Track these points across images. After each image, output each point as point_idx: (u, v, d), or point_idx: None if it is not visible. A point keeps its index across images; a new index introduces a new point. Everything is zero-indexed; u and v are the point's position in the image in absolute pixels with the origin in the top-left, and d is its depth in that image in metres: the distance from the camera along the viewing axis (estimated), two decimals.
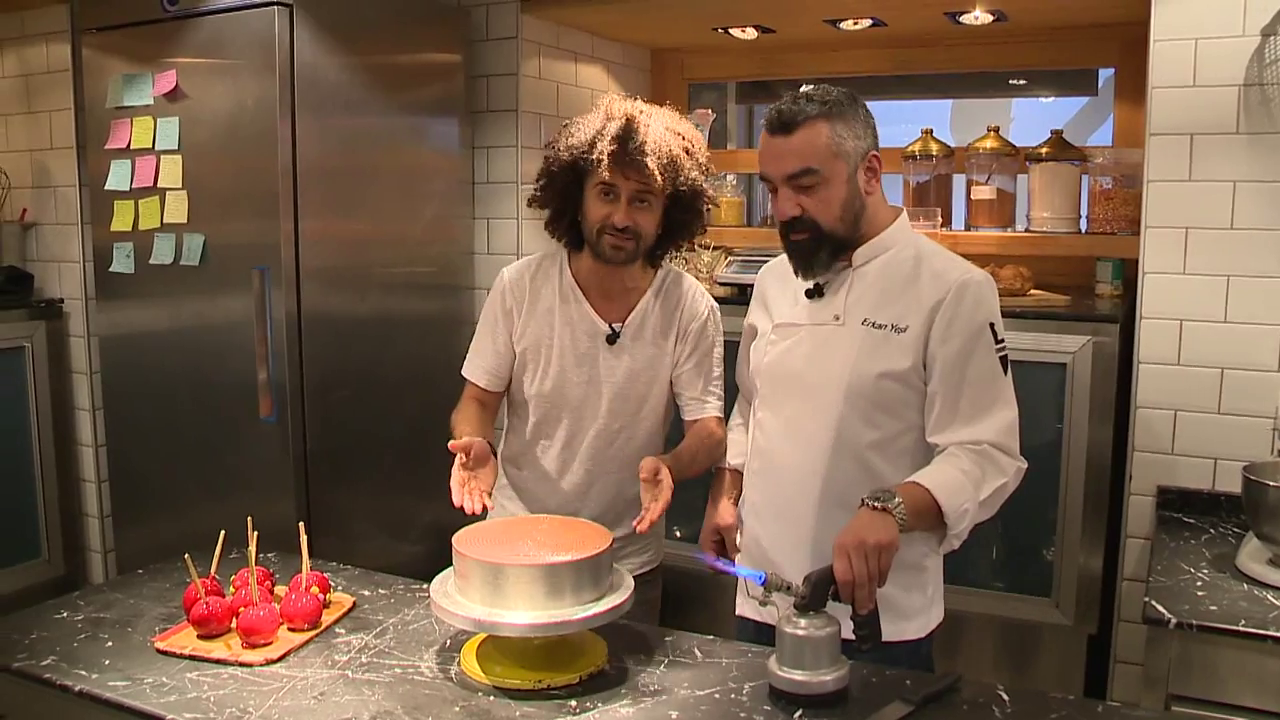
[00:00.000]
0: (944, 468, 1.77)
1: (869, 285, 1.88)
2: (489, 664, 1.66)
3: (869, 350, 1.84)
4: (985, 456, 1.78)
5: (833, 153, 1.80)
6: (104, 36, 3.02)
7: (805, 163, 1.80)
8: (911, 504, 1.68)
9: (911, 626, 1.91)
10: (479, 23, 3.39)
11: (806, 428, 1.89)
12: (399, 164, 3.14)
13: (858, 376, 1.84)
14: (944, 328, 1.81)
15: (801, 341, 1.91)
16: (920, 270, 1.86)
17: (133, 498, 3.20)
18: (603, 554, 1.67)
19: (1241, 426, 2.49)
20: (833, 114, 1.80)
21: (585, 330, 2.20)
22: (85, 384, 3.48)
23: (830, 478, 1.87)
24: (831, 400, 1.86)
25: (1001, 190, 3.22)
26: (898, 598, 1.86)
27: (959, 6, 3.07)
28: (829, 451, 1.87)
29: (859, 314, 1.86)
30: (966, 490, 1.73)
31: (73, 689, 1.63)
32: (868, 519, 1.64)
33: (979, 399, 1.80)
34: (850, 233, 1.86)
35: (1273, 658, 1.89)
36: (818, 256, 1.87)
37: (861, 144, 1.83)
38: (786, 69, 3.83)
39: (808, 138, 1.80)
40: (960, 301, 1.81)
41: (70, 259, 3.46)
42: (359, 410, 2.51)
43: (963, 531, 1.76)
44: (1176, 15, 2.47)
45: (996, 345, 1.82)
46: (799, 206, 1.83)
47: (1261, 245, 2.44)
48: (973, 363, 1.80)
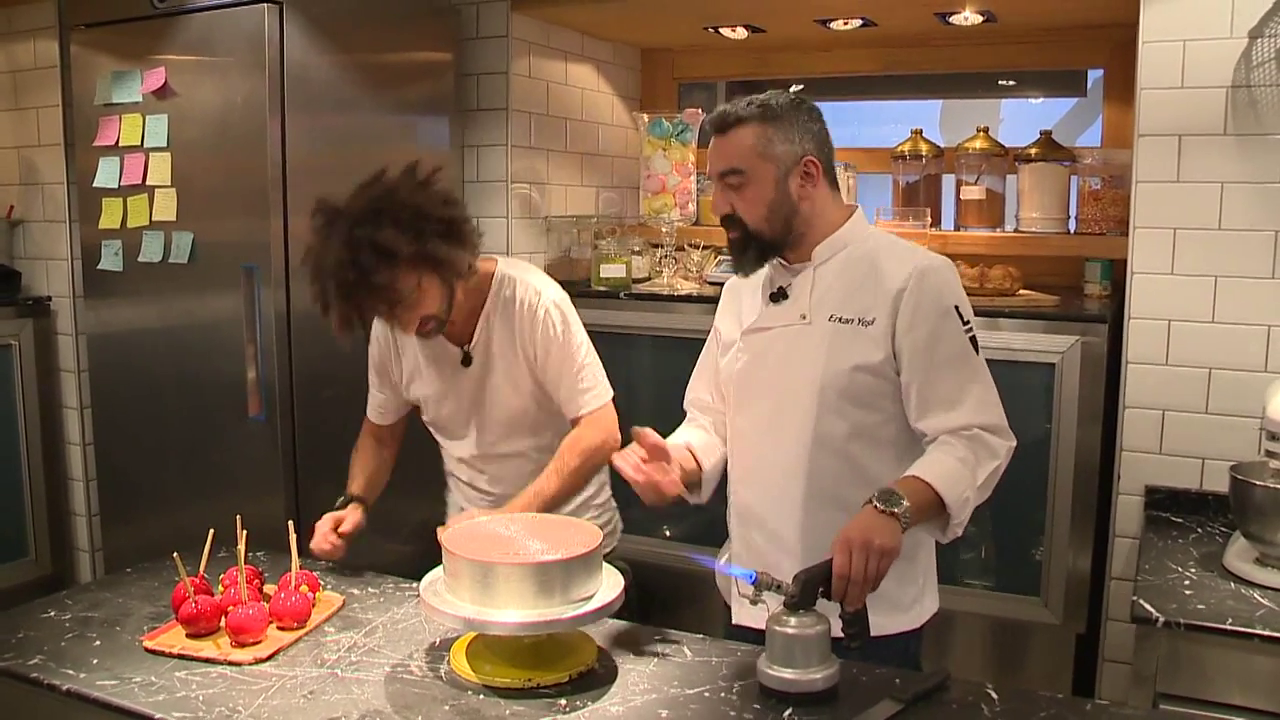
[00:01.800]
0: (940, 457, 1.77)
1: (831, 282, 1.90)
2: (478, 662, 1.66)
3: (839, 345, 1.86)
4: (976, 441, 1.79)
5: (759, 154, 1.84)
6: (92, 33, 3.01)
7: (731, 163, 1.86)
8: (915, 501, 1.68)
9: (906, 618, 1.91)
10: (469, 21, 3.38)
11: (785, 428, 1.90)
12: (389, 162, 3.12)
13: (830, 373, 1.85)
14: (909, 315, 1.82)
15: (771, 344, 1.93)
16: (880, 262, 1.87)
17: (121, 497, 3.18)
18: (593, 552, 1.67)
19: (1229, 426, 2.50)
20: (767, 117, 1.84)
21: (444, 359, 2.25)
22: (73, 382, 3.47)
23: (813, 475, 1.88)
24: (807, 398, 1.87)
25: (990, 190, 3.23)
26: (890, 590, 1.84)
27: (949, 7, 3.07)
28: (809, 449, 1.88)
29: (825, 311, 1.88)
30: (965, 478, 1.74)
31: (60, 688, 1.62)
32: (874, 520, 1.64)
33: (955, 381, 1.82)
34: (779, 235, 1.89)
35: (1259, 656, 1.90)
36: (747, 254, 1.91)
37: (794, 149, 1.86)
38: (777, 69, 3.83)
39: (737, 139, 1.85)
40: (922, 288, 1.82)
41: (58, 256, 3.44)
42: (348, 409, 2.51)
43: (964, 519, 1.77)
44: (1165, 17, 2.48)
45: (964, 327, 1.84)
46: (729, 204, 1.88)
47: (1249, 246, 2.45)
48: (941, 346, 1.82)
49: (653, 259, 3.48)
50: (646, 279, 3.44)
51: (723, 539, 2.10)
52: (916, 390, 1.83)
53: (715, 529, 2.18)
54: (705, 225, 3.56)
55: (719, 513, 2.11)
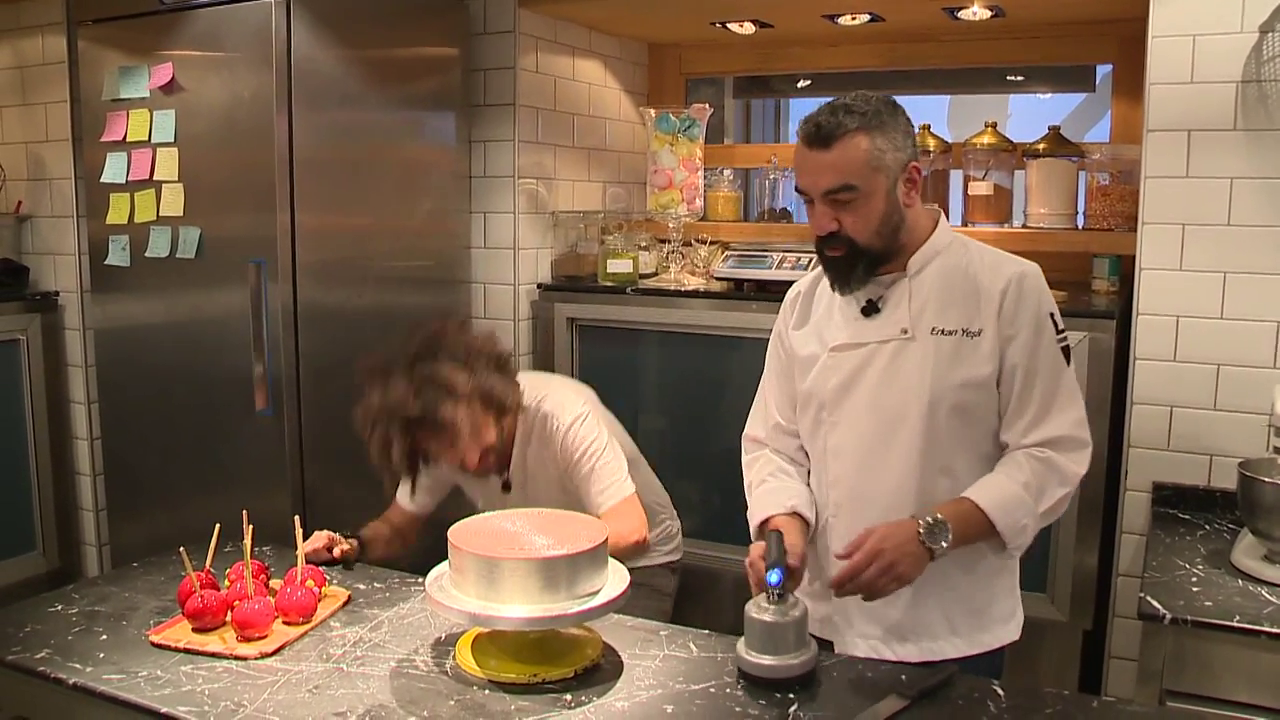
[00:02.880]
0: (1004, 481, 1.74)
1: (928, 293, 1.81)
2: (484, 658, 1.66)
3: (945, 359, 1.78)
4: (1048, 464, 1.75)
5: (872, 167, 1.73)
6: (100, 29, 3.01)
7: (844, 179, 1.73)
8: (964, 530, 1.68)
9: (1008, 629, 1.89)
10: (476, 16, 3.38)
11: (893, 446, 1.82)
12: (396, 157, 3.13)
13: (939, 388, 1.78)
14: (1009, 322, 1.77)
15: (870, 360, 1.83)
16: (975, 270, 1.81)
17: (128, 491, 3.19)
18: (598, 548, 1.67)
19: (1237, 423, 2.49)
20: (872, 126, 1.73)
21: (484, 486, 2.38)
22: (80, 377, 3.47)
23: (923, 492, 1.81)
24: (914, 417, 1.79)
25: (999, 186, 3.22)
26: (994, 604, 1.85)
27: (957, 2, 3.06)
28: (919, 466, 1.80)
29: (926, 324, 1.80)
30: (1025, 504, 1.72)
31: (67, 682, 1.63)
32: (911, 546, 1.64)
33: (1046, 395, 1.77)
34: (888, 246, 1.79)
35: (1267, 653, 1.89)
36: (854, 272, 1.80)
37: (902, 155, 1.76)
38: (784, 64, 3.83)
39: (846, 152, 1.72)
40: (1021, 294, 1.77)
41: (65, 251, 3.45)
42: (355, 403, 2.51)
43: (1022, 545, 1.75)
44: (1175, 11, 2.47)
45: (1059, 336, 1.79)
46: (835, 222, 1.76)
47: (1258, 242, 2.44)
48: (1039, 356, 1.77)
49: (660, 254, 3.48)
50: (653, 274, 3.44)
51: (735, 535, 2.09)
52: (1011, 400, 1.79)
53: (727, 526, 2.17)
54: (712, 220, 3.56)
55: (730, 508, 2.10)
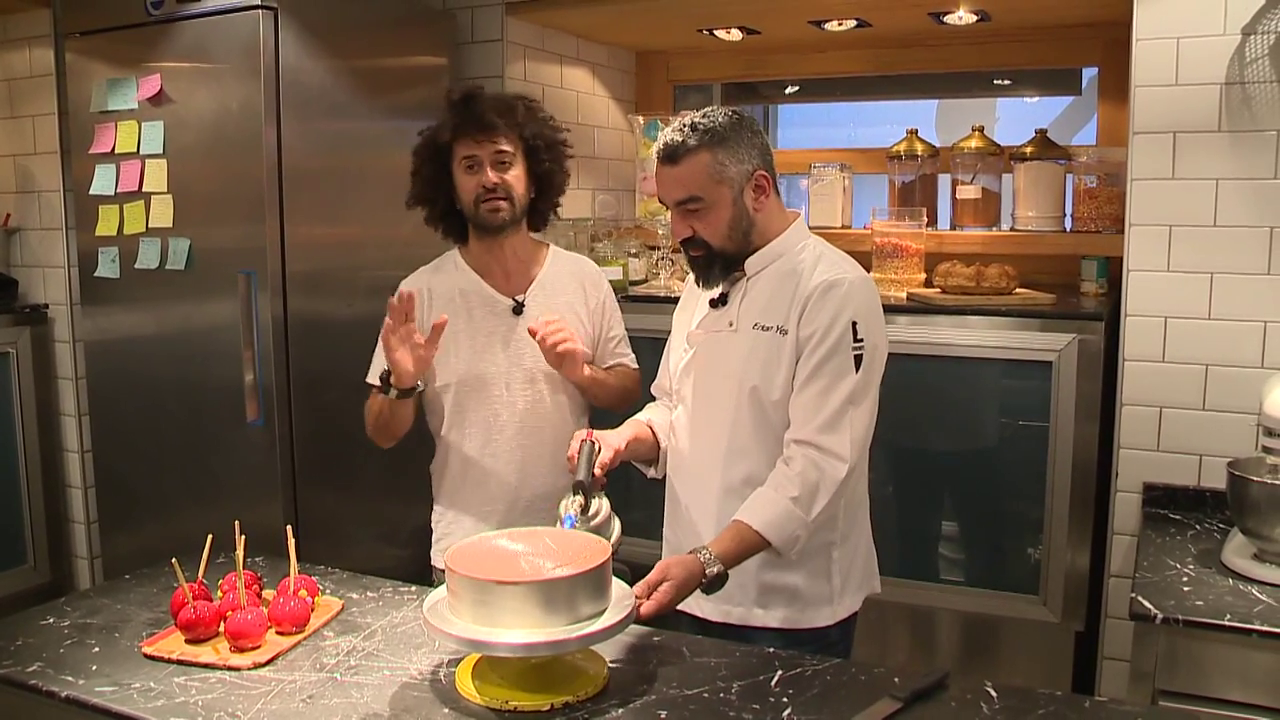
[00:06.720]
0: (774, 497, 1.86)
1: (760, 291, 1.99)
2: (486, 685, 1.61)
3: (760, 354, 1.95)
4: (816, 466, 1.86)
5: (715, 180, 1.92)
6: (87, 41, 3.01)
7: (689, 191, 1.93)
8: (738, 549, 1.82)
9: (821, 614, 1.99)
10: (464, 25, 3.39)
11: (707, 430, 2.02)
12: (385, 167, 3.12)
13: (748, 379, 1.95)
14: (807, 324, 1.90)
15: (705, 347, 2.04)
16: (802, 273, 1.95)
17: (119, 503, 3.18)
18: (600, 568, 1.62)
19: (1226, 423, 2.50)
20: (715, 142, 1.91)
21: (489, 310, 2.30)
22: (71, 389, 3.47)
23: (728, 470, 1.99)
24: (727, 404, 1.98)
25: (986, 190, 3.23)
26: (802, 586, 1.96)
27: (943, 7, 3.08)
28: (724, 455, 1.99)
29: (750, 319, 1.97)
30: (795, 517, 1.84)
31: (59, 695, 1.62)
32: (696, 571, 1.77)
33: (819, 390, 1.88)
34: (740, 248, 1.98)
35: (1258, 651, 1.90)
36: (712, 270, 2.00)
37: (745, 167, 1.93)
38: (771, 70, 3.84)
39: (691, 168, 1.91)
40: (825, 297, 1.90)
41: (55, 264, 3.44)
42: (346, 414, 2.50)
43: (799, 550, 1.88)
44: (1159, 15, 2.48)
45: (855, 343, 1.89)
46: (689, 228, 1.96)
47: (1244, 242, 2.46)
48: (818, 354, 1.89)
49: (649, 261, 3.48)
50: (643, 281, 3.44)
51: None
52: (794, 396, 1.92)
53: None
54: None
55: None
